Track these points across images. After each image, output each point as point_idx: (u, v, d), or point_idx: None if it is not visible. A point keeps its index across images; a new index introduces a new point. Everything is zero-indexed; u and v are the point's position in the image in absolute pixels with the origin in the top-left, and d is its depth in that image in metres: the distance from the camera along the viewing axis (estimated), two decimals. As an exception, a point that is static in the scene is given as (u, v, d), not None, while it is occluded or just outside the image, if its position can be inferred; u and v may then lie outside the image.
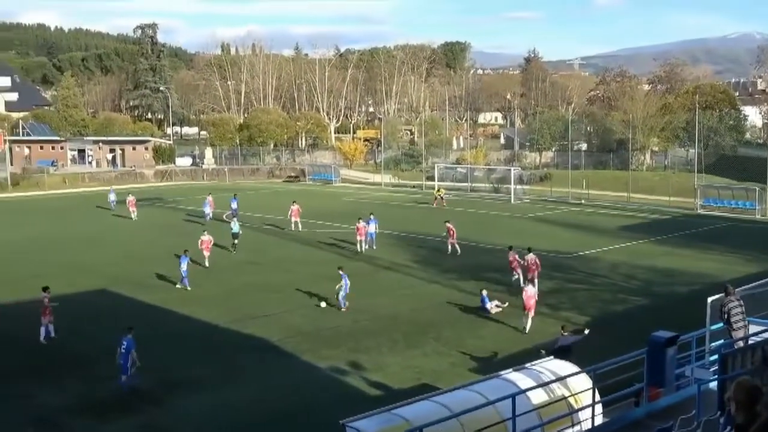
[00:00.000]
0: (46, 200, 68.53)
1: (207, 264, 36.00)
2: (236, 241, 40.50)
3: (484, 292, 28.10)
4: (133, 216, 53.19)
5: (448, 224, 40.00)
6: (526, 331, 25.48)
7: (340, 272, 28.94)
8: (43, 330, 24.93)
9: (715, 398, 11.85)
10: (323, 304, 28.98)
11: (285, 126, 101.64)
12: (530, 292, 26.35)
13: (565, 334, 20.16)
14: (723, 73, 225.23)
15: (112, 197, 58.12)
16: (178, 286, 32.26)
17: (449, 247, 39.32)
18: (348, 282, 28.64)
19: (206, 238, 36.79)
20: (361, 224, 40.54)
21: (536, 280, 30.28)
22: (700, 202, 56.57)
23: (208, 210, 50.82)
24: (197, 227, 46.78)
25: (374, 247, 40.64)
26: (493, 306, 27.38)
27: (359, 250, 40.07)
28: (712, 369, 15.60)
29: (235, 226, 41.30)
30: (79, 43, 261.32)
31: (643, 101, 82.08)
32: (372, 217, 42.08)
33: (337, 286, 28.65)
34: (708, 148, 73.83)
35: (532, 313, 25.85)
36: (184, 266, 32.11)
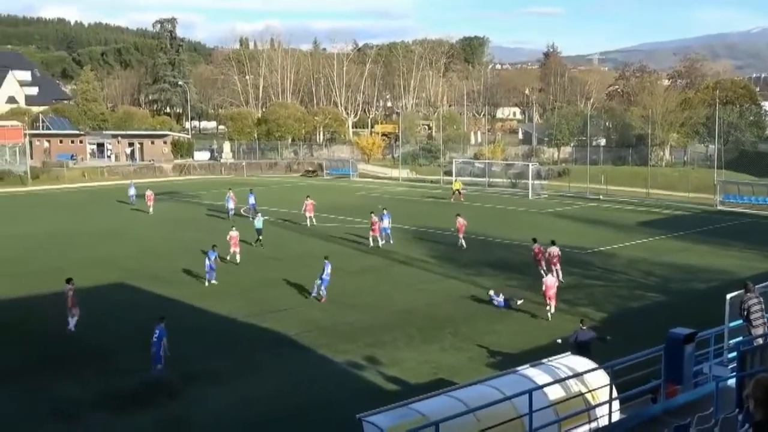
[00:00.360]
0: (66, 194, 69.05)
1: (228, 259, 35.60)
2: (261, 237, 40.50)
3: (491, 292, 28.22)
4: (150, 210, 53.46)
5: (459, 218, 39.98)
6: (550, 319, 25.91)
7: (325, 261, 29.10)
8: (71, 320, 25.11)
9: (734, 395, 11.75)
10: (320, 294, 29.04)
11: (303, 120, 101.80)
12: (549, 283, 26.79)
13: (584, 327, 20.11)
14: (744, 68, 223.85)
15: (132, 191, 58.45)
16: (213, 282, 32.05)
17: (462, 242, 39.34)
18: (329, 272, 28.73)
19: (234, 233, 36.57)
20: (375, 219, 40.55)
21: (560, 273, 30.72)
22: (720, 198, 56.16)
23: (231, 205, 50.25)
24: (216, 222, 47.03)
25: (391, 242, 40.62)
26: (513, 299, 27.47)
27: (371, 244, 40.09)
28: (730, 366, 15.50)
29: (259, 222, 41.32)
30: (98, 37, 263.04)
31: (663, 96, 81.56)
32: (385, 212, 41.98)
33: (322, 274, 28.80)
34: (728, 144, 73.27)
35: (553, 302, 26.41)
36: (211, 260, 32.08)
